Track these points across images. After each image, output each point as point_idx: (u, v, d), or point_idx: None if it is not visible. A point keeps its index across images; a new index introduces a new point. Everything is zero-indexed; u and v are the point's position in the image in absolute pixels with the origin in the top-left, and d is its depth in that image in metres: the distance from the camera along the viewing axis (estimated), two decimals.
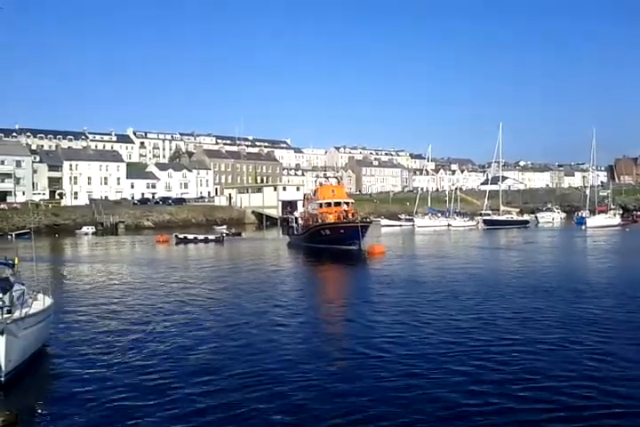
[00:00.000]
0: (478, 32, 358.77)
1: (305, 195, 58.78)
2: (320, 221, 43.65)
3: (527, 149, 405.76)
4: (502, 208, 79.37)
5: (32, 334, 11.67)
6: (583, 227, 67.51)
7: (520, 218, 79.81)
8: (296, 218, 53.04)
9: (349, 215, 43.37)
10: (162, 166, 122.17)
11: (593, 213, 77.44)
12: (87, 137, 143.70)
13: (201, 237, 54.32)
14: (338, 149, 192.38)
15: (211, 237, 54.80)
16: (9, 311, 10.82)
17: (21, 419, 8.95)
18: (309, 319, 17.02)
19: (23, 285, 13.43)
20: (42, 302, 12.59)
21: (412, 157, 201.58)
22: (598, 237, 52.85)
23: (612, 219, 75.42)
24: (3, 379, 10.55)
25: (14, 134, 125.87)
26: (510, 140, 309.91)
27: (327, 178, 53.84)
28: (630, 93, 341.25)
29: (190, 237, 54.12)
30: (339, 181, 56.80)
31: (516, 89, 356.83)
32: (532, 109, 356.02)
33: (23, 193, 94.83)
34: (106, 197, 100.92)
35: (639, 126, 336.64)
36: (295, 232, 50.64)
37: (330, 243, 41.29)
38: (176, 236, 53.98)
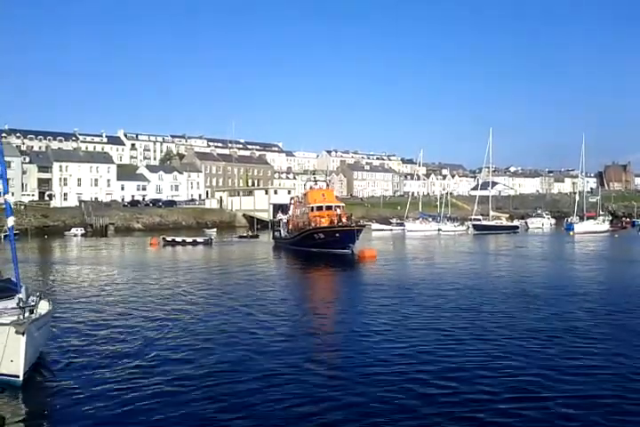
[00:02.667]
0: (469, 38, 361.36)
1: (292, 198, 58.55)
2: (313, 224, 43.47)
3: (518, 155, 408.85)
4: (492, 213, 79.80)
5: (41, 335, 11.85)
6: (571, 233, 68.00)
7: (509, 223, 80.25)
8: (280, 220, 53.02)
9: (343, 219, 43.42)
10: (152, 168, 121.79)
11: (582, 219, 78.03)
12: (77, 138, 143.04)
13: (189, 239, 54.15)
14: (329, 152, 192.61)
15: (199, 239, 54.67)
16: (31, 311, 10.83)
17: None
18: (301, 324, 16.90)
19: None
20: (46, 305, 12.49)
21: (404, 161, 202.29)
22: (584, 243, 53.38)
23: (601, 225, 75.98)
24: (21, 379, 10.71)
25: (4, 135, 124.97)
26: (501, 146, 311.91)
27: (316, 181, 53.84)
28: (620, 100, 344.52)
29: (178, 239, 53.95)
30: (327, 185, 56.82)
31: (507, 94, 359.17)
32: (522, 115, 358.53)
33: (12, 194, 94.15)
34: (96, 198, 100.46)
35: (629, 133, 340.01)
36: (283, 235, 50.40)
37: (323, 247, 41.15)
38: (163, 238, 53.73)
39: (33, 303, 11.19)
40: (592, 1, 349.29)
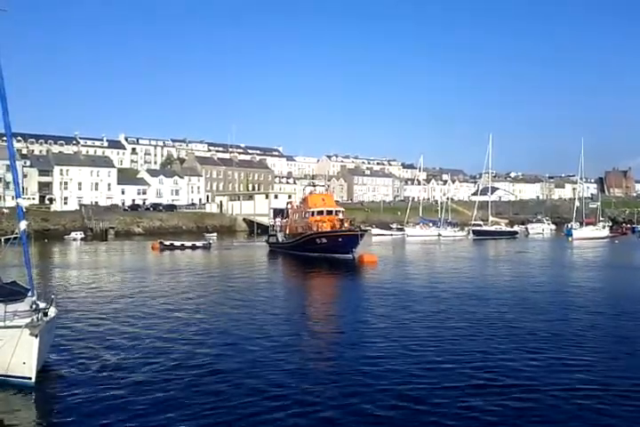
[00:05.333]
0: (470, 44, 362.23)
1: (289, 203, 58.03)
2: (315, 229, 43.33)
3: (518, 160, 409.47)
4: (491, 219, 79.82)
5: (49, 338, 11.97)
6: (570, 239, 67.98)
7: (508, 229, 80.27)
8: (273, 225, 53.00)
9: (345, 224, 43.38)
10: (153, 173, 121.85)
11: (582, 225, 78.09)
12: (78, 142, 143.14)
13: (188, 243, 54.14)
14: (330, 157, 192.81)
15: (198, 243, 54.68)
16: (45, 314, 10.86)
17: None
18: (300, 333, 16.63)
19: None
20: (53, 309, 12.38)
21: (404, 166, 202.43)
22: (582, 250, 53.45)
23: (600, 231, 76.01)
24: (33, 380, 10.82)
25: (4, 138, 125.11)
26: (501, 152, 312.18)
27: (314, 186, 53.83)
28: (622, 106, 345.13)
29: (177, 243, 53.89)
30: (326, 189, 56.94)
31: (508, 100, 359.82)
32: (523, 121, 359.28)
33: (12, 198, 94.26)
34: (96, 202, 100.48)
35: (629, 139, 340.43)
36: (280, 240, 50.30)
37: (325, 251, 41.02)
38: (161, 243, 53.66)
39: (46, 306, 11.25)
40: (593, 3, 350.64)
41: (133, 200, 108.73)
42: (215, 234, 76.14)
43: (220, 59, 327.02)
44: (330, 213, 45.40)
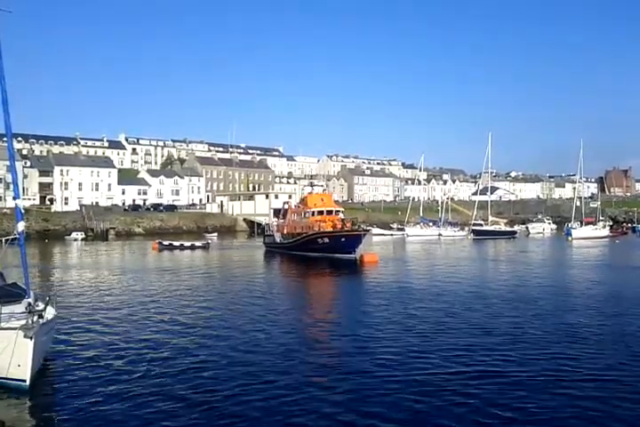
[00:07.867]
0: (470, 44, 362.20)
1: (285, 203, 57.48)
2: (316, 229, 43.26)
3: (518, 160, 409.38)
4: (490, 219, 79.84)
5: (47, 340, 11.90)
6: (570, 238, 67.91)
7: (508, 229, 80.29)
8: (268, 225, 53.01)
9: (346, 224, 43.36)
10: (153, 173, 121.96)
11: (581, 224, 78.04)
12: (79, 142, 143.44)
13: (187, 243, 54.22)
14: (330, 157, 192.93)
15: (197, 243, 54.78)
16: (40, 316, 10.79)
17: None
18: (302, 337, 16.44)
19: None
20: (52, 310, 12.30)
21: (404, 166, 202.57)
22: (581, 249, 53.42)
23: (600, 230, 75.90)
24: (28, 383, 10.74)
25: (4, 139, 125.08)
26: (502, 151, 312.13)
27: (312, 186, 53.83)
28: (622, 105, 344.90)
29: (176, 243, 53.95)
30: (324, 189, 56.86)
31: (508, 99, 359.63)
32: (523, 120, 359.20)
33: (13, 198, 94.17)
34: (97, 202, 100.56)
35: (630, 139, 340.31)
36: (278, 241, 50.23)
37: (327, 251, 40.97)
38: (160, 243, 53.71)
39: (41, 308, 11.17)
40: (592, 3, 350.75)
41: (134, 200, 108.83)
42: (216, 234, 76.20)
43: (220, 59, 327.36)
44: (330, 212, 45.38)
